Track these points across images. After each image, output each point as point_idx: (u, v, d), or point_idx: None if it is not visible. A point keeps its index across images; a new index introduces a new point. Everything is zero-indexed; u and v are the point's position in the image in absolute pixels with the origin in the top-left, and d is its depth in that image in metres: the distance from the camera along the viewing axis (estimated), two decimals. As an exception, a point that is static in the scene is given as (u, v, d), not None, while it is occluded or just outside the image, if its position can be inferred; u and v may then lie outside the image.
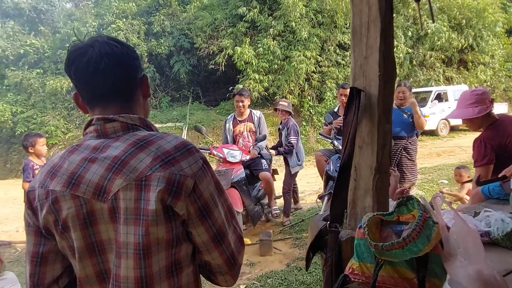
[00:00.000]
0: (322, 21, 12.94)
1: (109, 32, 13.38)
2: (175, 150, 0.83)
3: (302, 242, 3.97)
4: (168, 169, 0.81)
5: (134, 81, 0.93)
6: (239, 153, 4.15)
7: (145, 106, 1.00)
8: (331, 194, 3.70)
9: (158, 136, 0.86)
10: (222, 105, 14.25)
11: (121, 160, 0.82)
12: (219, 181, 0.92)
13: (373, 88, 1.06)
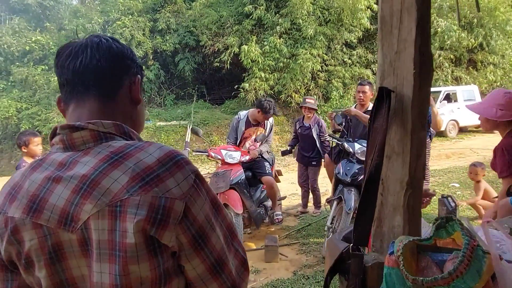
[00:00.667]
0: (329, 18, 12.75)
1: (114, 29, 13.31)
2: (158, 164, 0.67)
3: (309, 248, 3.82)
4: (150, 190, 0.64)
5: (120, 78, 0.79)
6: (237, 154, 4.01)
7: (135, 114, 0.83)
8: (340, 199, 3.54)
9: (137, 147, 0.69)
10: (227, 103, 14.13)
11: (90, 179, 0.66)
12: (215, 196, 0.76)
13: (406, 88, 0.90)
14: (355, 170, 3.58)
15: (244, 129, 4.40)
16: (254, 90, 12.10)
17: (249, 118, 4.42)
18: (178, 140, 12.39)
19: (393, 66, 0.94)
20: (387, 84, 0.97)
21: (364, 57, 13.73)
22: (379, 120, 0.95)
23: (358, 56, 13.59)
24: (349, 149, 3.69)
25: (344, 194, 3.46)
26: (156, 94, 14.25)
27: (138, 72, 0.84)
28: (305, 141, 5.07)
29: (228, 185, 3.63)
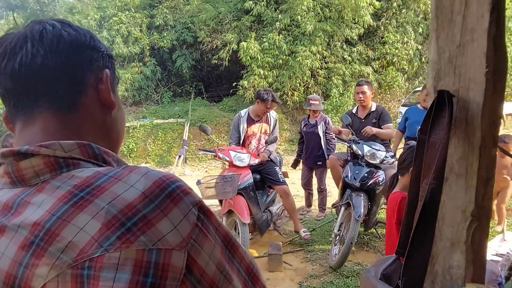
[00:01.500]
0: (329, 15, 12.52)
1: (111, 25, 13.04)
2: (144, 200, 0.47)
3: (314, 256, 3.62)
4: (134, 242, 0.45)
5: (79, 78, 0.59)
6: (247, 156, 3.76)
7: (110, 123, 0.63)
8: (348, 205, 3.35)
9: (112, 176, 0.50)
10: (225, 101, 13.90)
11: (45, 229, 0.46)
12: (227, 231, 0.56)
13: (474, 92, 0.70)
14: (364, 173, 3.39)
15: (246, 127, 4.15)
16: (253, 88, 11.89)
17: (250, 115, 4.19)
18: (175, 138, 12.17)
19: (454, 64, 0.74)
20: (445, 86, 0.77)
21: (364, 54, 13.52)
22: (437, 133, 0.75)
23: (359, 53, 13.38)
24: (358, 151, 3.49)
25: (353, 200, 3.27)
26: (153, 91, 14.00)
27: (106, 64, 0.63)
28: (310, 139, 4.88)
29: (235, 191, 3.37)
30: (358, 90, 4.19)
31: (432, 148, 0.74)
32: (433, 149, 0.74)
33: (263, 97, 4.01)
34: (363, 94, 4.09)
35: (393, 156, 3.52)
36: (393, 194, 2.05)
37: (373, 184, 3.33)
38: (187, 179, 8.90)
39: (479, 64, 0.68)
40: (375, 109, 4.14)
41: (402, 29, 13.72)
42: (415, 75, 14.46)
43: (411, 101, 13.39)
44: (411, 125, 4.08)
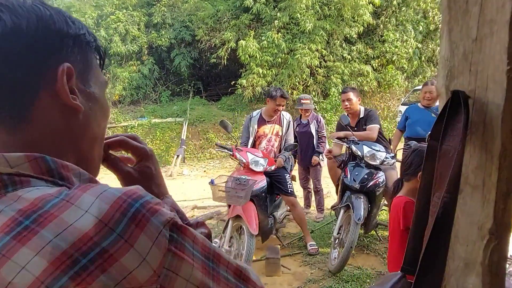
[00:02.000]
0: (328, 13, 12.42)
1: (108, 24, 12.94)
2: (101, 230, 0.38)
3: (313, 259, 3.53)
4: (92, 283, 0.36)
5: (35, 74, 0.46)
6: (264, 161, 3.53)
7: (76, 129, 0.51)
8: (348, 207, 3.26)
9: (63, 198, 0.40)
10: (223, 100, 13.80)
11: None
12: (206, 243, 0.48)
13: (493, 92, 0.61)
14: (364, 175, 3.30)
15: (257, 127, 4.01)
16: (252, 86, 11.79)
17: (263, 115, 4.06)
18: (174, 138, 12.09)
19: (470, 60, 0.65)
20: (459, 86, 0.68)
21: (364, 52, 13.43)
22: (451, 139, 0.66)
23: (358, 51, 13.28)
24: (357, 152, 3.39)
25: (353, 202, 3.18)
26: (151, 90, 13.90)
27: (70, 53, 0.50)
28: (303, 139, 4.79)
29: (248, 198, 3.16)
30: (343, 97, 4.01)
31: (445, 157, 0.66)
32: (446, 158, 0.65)
33: (271, 94, 3.91)
34: (349, 101, 3.91)
35: (394, 157, 3.43)
36: (397, 198, 1.96)
37: (373, 186, 3.24)
38: (185, 178, 8.82)
39: (499, 60, 0.59)
40: (364, 114, 3.97)
41: (401, 27, 13.62)
42: (414, 74, 14.37)
43: (411, 99, 13.32)
44: (412, 124, 3.99)
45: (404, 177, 1.98)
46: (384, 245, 3.73)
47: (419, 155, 1.89)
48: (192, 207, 5.66)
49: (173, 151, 11.56)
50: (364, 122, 3.89)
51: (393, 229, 1.94)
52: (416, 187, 1.94)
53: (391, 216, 2.00)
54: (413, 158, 1.90)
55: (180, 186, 7.83)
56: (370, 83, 12.97)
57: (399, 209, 1.86)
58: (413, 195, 1.95)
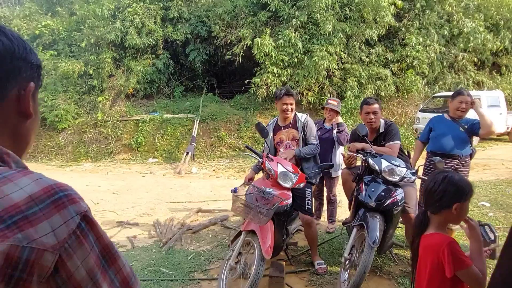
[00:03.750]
0: (349, 15, 12.07)
1: (124, 16, 12.85)
2: (29, 202, 0.52)
3: (320, 280, 3.25)
4: (10, 237, 0.49)
5: (3, 87, 0.62)
6: (295, 177, 3.15)
7: (22, 130, 0.67)
8: (362, 226, 3.00)
9: (5, 176, 0.54)
10: (237, 98, 13.62)
11: None
12: (108, 243, 0.61)
13: None
14: (380, 192, 3.01)
15: (273, 135, 3.77)
16: (266, 86, 11.55)
17: (278, 122, 3.80)
18: (184, 134, 11.95)
19: None
20: None
21: (383, 56, 13.04)
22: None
23: (377, 54, 12.90)
24: (375, 166, 3.11)
25: (368, 222, 2.90)
26: (165, 85, 13.80)
27: (33, 75, 0.68)
28: (323, 146, 4.50)
29: (270, 218, 2.83)
30: (367, 109, 3.52)
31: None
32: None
33: (276, 95, 3.67)
34: (374, 115, 3.52)
35: (415, 173, 3.13)
36: (432, 237, 1.67)
37: (390, 204, 2.94)
38: (193, 177, 8.65)
39: None
40: (383, 129, 3.58)
41: (424, 31, 13.19)
42: (435, 80, 13.91)
43: (430, 106, 12.88)
44: (436, 137, 3.63)
45: (432, 209, 1.70)
46: (399, 267, 3.46)
47: (451, 183, 1.63)
48: (197, 210, 5.46)
49: (183, 147, 11.43)
50: (383, 138, 3.55)
51: (431, 276, 1.64)
52: (446, 219, 1.68)
53: (423, 258, 1.70)
54: (446, 187, 1.63)
55: (187, 186, 7.66)
56: (388, 88, 12.60)
57: (441, 252, 1.58)
58: (443, 228, 1.70)
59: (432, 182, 1.69)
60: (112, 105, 12.58)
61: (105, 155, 11.59)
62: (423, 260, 1.72)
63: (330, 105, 4.50)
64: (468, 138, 3.52)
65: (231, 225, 4.79)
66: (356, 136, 3.52)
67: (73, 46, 13.44)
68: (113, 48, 12.88)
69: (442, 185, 1.64)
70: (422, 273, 1.73)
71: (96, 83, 12.41)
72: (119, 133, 12.08)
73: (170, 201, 6.30)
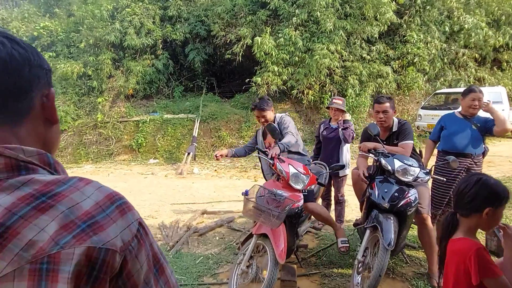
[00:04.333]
0: (349, 12, 11.99)
1: (123, 16, 12.74)
2: (97, 209, 0.56)
3: (333, 282, 3.18)
4: (87, 240, 0.53)
5: (27, 97, 0.62)
6: (306, 179, 3.08)
7: (49, 136, 0.68)
8: (375, 227, 2.93)
9: (71, 185, 0.57)
10: (237, 97, 13.53)
11: (6, 227, 0.51)
12: (158, 252, 0.64)
13: None
14: (394, 192, 2.94)
15: (262, 139, 3.84)
16: (266, 85, 11.47)
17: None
18: (185, 134, 11.86)
19: None
20: None
21: (384, 53, 12.98)
22: None
23: (378, 52, 12.84)
24: (387, 166, 3.04)
25: (382, 223, 2.82)
26: (165, 85, 13.70)
27: (49, 81, 0.69)
28: (329, 146, 4.45)
29: (282, 221, 2.76)
30: (378, 108, 3.41)
31: None
32: None
33: (251, 109, 3.72)
34: (384, 114, 3.40)
35: (428, 173, 3.06)
36: (459, 242, 1.60)
37: (404, 205, 2.87)
38: (195, 178, 8.57)
39: None
40: (397, 128, 3.48)
41: (425, 27, 13.12)
42: (436, 77, 13.86)
43: (431, 103, 12.83)
44: (448, 136, 3.55)
45: (462, 212, 1.63)
46: (412, 268, 3.39)
47: (485, 186, 1.56)
48: (202, 212, 5.39)
49: (184, 148, 11.35)
50: (396, 137, 3.45)
51: (456, 281, 1.58)
52: (477, 224, 1.61)
53: (450, 263, 1.63)
54: (478, 190, 1.56)
55: (190, 187, 7.59)
56: (389, 85, 12.54)
57: (468, 259, 1.51)
58: (473, 233, 1.62)
59: (465, 183, 1.62)
60: (112, 106, 12.49)
61: (106, 157, 11.51)
62: (449, 265, 1.65)
63: (336, 105, 4.44)
64: (481, 136, 3.45)
65: (237, 227, 4.72)
66: (367, 135, 3.44)
67: (72, 48, 13.33)
68: (112, 49, 12.78)
69: (474, 188, 1.57)
70: (448, 277, 1.66)
71: (95, 84, 12.31)
72: (119, 134, 11.99)
73: (174, 202, 6.23)
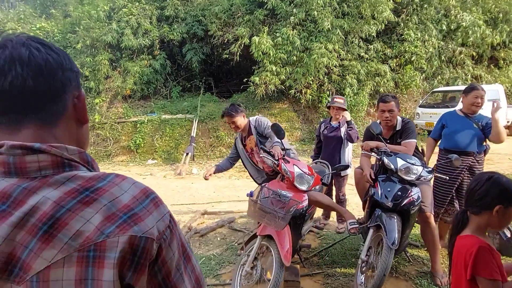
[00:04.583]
0: (347, 11, 11.98)
1: (120, 17, 12.68)
2: (135, 202, 0.62)
3: (336, 282, 3.16)
4: (129, 229, 0.58)
5: (61, 99, 0.68)
6: (311, 180, 3.05)
7: (80, 135, 0.73)
8: (378, 227, 2.92)
9: (110, 181, 0.62)
10: (235, 97, 13.51)
11: (55, 218, 0.55)
12: (185, 242, 0.70)
13: None
14: (397, 191, 2.93)
15: (242, 146, 3.85)
16: (264, 84, 11.44)
17: (242, 133, 3.86)
18: (183, 135, 11.82)
19: None
20: None
21: (381, 51, 12.98)
22: None
23: (375, 50, 12.84)
24: (390, 165, 3.02)
25: (385, 223, 2.81)
26: (162, 86, 13.64)
27: (79, 83, 0.73)
28: (331, 145, 4.43)
29: (286, 224, 2.72)
30: (383, 107, 3.37)
31: None
32: None
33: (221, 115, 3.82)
34: (390, 113, 3.36)
35: (431, 171, 3.05)
36: (465, 239, 1.60)
37: (407, 204, 2.85)
38: (194, 178, 8.54)
39: None
40: (400, 127, 3.47)
41: (422, 26, 13.13)
42: (433, 75, 13.88)
43: (429, 102, 12.84)
44: (450, 134, 3.53)
45: (472, 209, 1.62)
46: (414, 267, 3.38)
47: (496, 184, 1.54)
48: (202, 213, 5.36)
49: (183, 148, 11.31)
50: (399, 135, 3.44)
51: (458, 278, 1.58)
52: (487, 222, 1.59)
53: (455, 259, 1.64)
54: (488, 187, 1.55)
55: (189, 187, 7.55)
56: (386, 84, 12.54)
57: (469, 255, 1.50)
58: (483, 232, 1.61)
59: (476, 181, 1.62)
60: (109, 107, 12.43)
61: (104, 158, 11.45)
62: (454, 261, 1.65)
63: (337, 104, 4.43)
64: (482, 134, 3.44)
65: (239, 227, 4.70)
66: (370, 134, 3.42)
67: (69, 48, 13.24)
68: (109, 49, 12.73)
69: (485, 185, 1.56)
70: (454, 274, 1.66)
71: (92, 85, 12.24)
72: (117, 135, 11.94)
73: (173, 203, 6.19)
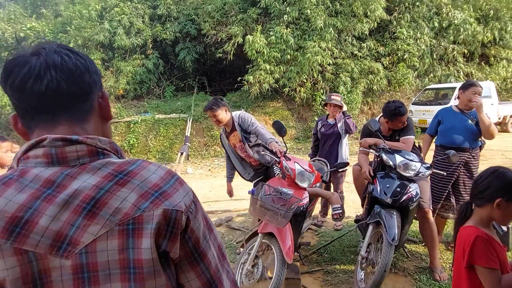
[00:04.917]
0: (340, 9, 12.01)
1: (112, 16, 12.56)
2: (163, 181, 0.72)
3: (336, 279, 3.17)
4: (161, 204, 0.68)
5: (89, 99, 0.77)
6: (312, 177, 3.03)
7: (105, 130, 0.83)
8: (378, 223, 2.93)
9: (139, 165, 0.73)
10: (229, 96, 13.46)
11: (96, 199, 0.65)
12: (207, 215, 0.80)
13: None
14: (396, 187, 2.95)
15: (228, 141, 3.77)
16: (259, 83, 11.43)
17: (226, 129, 3.74)
18: (177, 134, 11.76)
19: None
20: None
21: (374, 50, 13.05)
22: None
23: (368, 48, 12.91)
24: (389, 161, 3.04)
25: (385, 219, 2.82)
26: (155, 85, 13.56)
27: (102, 84, 0.82)
28: (328, 142, 4.44)
29: (289, 220, 2.70)
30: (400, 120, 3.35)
31: None
32: None
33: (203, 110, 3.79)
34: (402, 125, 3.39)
35: (429, 167, 3.07)
36: (466, 229, 1.62)
37: (406, 200, 2.87)
38: (189, 178, 8.50)
39: None
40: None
41: (414, 24, 13.22)
42: (425, 73, 13.99)
43: (422, 99, 12.95)
44: (446, 131, 3.55)
45: (476, 201, 1.64)
46: (413, 263, 3.40)
47: (500, 177, 1.56)
48: (199, 212, 5.34)
49: (177, 148, 11.25)
50: (398, 133, 3.46)
51: (458, 266, 1.61)
52: (490, 215, 1.61)
53: (457, 248, 1.67)
54: (491, 180, 1.57)
55: (185, 186, 7.52)
56: (380, 82, 12.61)
57: (467, 243, 1.54)
58: (485, 224, 1.63)
59: (480, 174, 1.64)
60: (103, 107, 12.33)
61: (98, 159, 11.35)
62: (457, 250, 1.68)
63: (334, 101, 4.45)
64: (478, 130, 3.46)
65: (237, 226, 4.68)
66: (368, 131, 3.43)
67: (60, 48, 13.12)
68: (101, 49, 12.61)
69: (489, 178, 1.58)
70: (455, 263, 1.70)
71: (85, 85, 12.13)
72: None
73: (169, 203, 6.16)
